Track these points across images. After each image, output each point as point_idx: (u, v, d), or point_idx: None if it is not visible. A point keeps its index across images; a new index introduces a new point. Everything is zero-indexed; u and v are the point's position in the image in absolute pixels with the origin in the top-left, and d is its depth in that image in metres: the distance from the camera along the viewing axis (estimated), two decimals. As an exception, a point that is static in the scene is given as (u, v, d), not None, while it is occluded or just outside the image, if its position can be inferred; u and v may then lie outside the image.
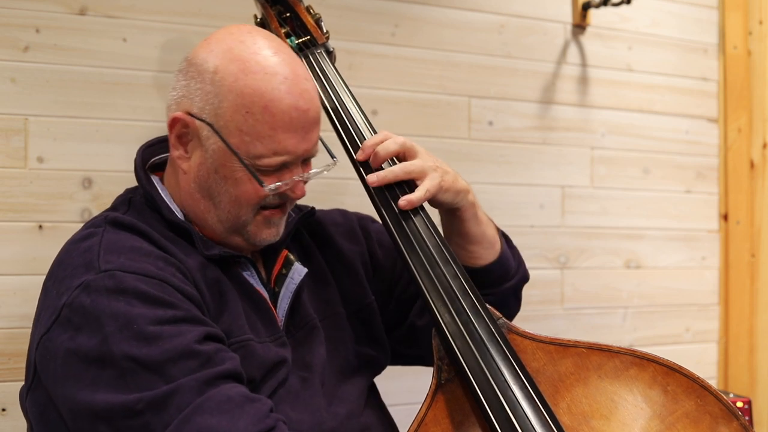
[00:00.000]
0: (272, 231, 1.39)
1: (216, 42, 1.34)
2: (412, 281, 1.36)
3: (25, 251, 1.76)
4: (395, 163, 1.42)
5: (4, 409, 1.75)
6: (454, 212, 1.48)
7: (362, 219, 1.64)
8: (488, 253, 1.52)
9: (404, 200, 1.39)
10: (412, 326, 1.58)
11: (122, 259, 1.24)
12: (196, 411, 1.13)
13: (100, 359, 1.16)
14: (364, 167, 1.44)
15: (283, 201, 1.38)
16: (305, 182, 1.39)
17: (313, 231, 1.56)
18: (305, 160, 1.37)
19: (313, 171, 1.38)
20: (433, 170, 1.42)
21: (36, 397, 1.28)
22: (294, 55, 1.37)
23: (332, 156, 1.44)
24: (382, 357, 1.56)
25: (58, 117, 1.81)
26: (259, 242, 1.39)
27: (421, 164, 1.41)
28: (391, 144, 1.42)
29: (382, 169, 1.41)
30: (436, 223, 1.43)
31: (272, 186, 1.32)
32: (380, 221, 1.43)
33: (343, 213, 1.64)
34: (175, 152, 1.37)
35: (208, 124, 1.31)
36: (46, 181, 1.79)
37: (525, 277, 1.62)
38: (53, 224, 1.79)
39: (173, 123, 1.35)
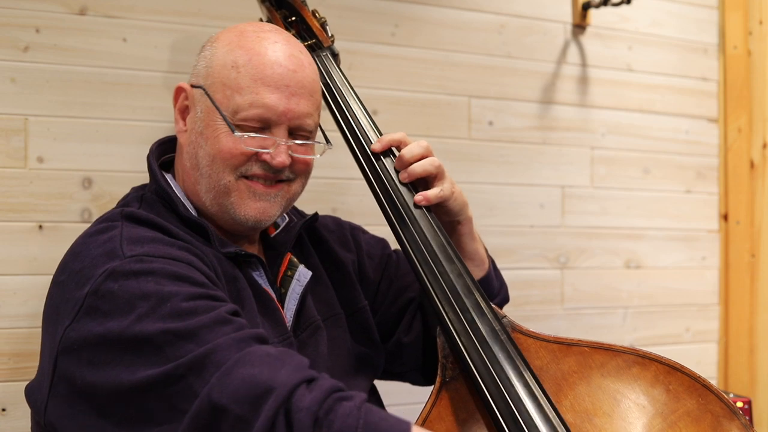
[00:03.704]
0: (258, 206, 1.37)
1: (229, 27, 1.42)
2: (417, 280, 1.36)
3: (25, 251, 1.76)
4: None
5: (4, 409, 1.74)
6: (454, 226, 1.49)
7: (354, 229, 1.66)
8: (477, 270, 1.54)
9: (421, 196, 1.40)
10: (398, 343, 1.59)
11: (146, 248, 1.24)
12: (237, 363, 1.12)
13: (134, 340, 1.15)
14: (369, 166, 1.44)
15: (269, 173, 1.36)
16: (294, 157, 1.37)
17: (309, 236, 1.57)
18: (295, 134, 1.36)
19: (299, 142, 1.37)
20: (448, 176, 1.45)
21: (60, 395, 1.25)
22: (295, 39, 1.41)
23: (327, 141, 1.44)
24: (379, 358, 1.56)
25: (58, 117, 1.81)
26: (243, 218, 1.37)
27: (442, 165, 1.43)
28: (415, 148, 1.43)
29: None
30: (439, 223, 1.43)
31: (243, 136, 1.32)
32: (385, 221, 1.43)
33: (335, 220, 1.66)
34: (177, 127, 1.41)
35: (201, 87, 1.36)
36: (46, 181, 1.79)
37: (506, 299, 1.63)
38: (53, 224, 1.79)
39: (177, 94, 1.41)
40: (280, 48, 1.35)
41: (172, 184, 1.40)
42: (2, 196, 1.75)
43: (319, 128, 1.42)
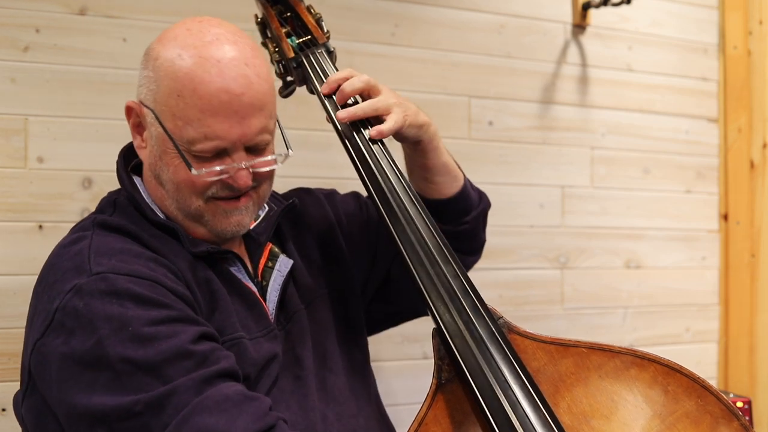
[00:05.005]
0: (231, 221, 1.35)
1: (168, 31, 1.35)
2: (409, 279, 1.35)
3: (25, 251, 1.76)
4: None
5: (3, 409, 1.75)
6: (417, 145, 1.50)
7: (327, 196, 1.65)
8: (454, 184, 1.57)
9: (375, 130, 1.41)
10: (398, 279, 1.61)
11: (113, 261, 1.23)
12: (195, 411, 1.13)
13: (95, 362, 1.16)
14: (363, 165, 1.43)
15: (234, 193, 1.34)
16: (255, 172, 1.34)
17: (288, 218, 1.55)
18: (252, 149, 1.33)
19: (259, 160, 1.34)
20: (398, 106, 1.44)
21: (32, 402, 1.28)
22: (245, 42, 1.34)
23: (287, 147, 1.40)
24: (363, 339, 1.57)
25: (58, 117, 1.81)
26: (221, 232, 1.36)
27: (385, 100, 1.44)
28: (356, 81, 1.44)
29: (348, 106, 1.44)
30: (435, 221, 1.43)
31: (202, 171, 1.29)
32: (376, 213, 1.43)
33: (310, 195, 1.64)
34: (135, 142, 1.39)
35: (151, 110, 1.32)
36: (46, 181, 1.79)
37: (488, 203, 1.68)
38: (53, 224, 1.79)
39: (127, 112, 1.37)
40: (225, 68, 1.28)
41: (140, 189, 1.39)
42: (2, 196, 1.76)
43: (278, 129, 1.39)
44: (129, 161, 1.45)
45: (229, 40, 1.32)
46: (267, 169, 1.36)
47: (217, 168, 1.30)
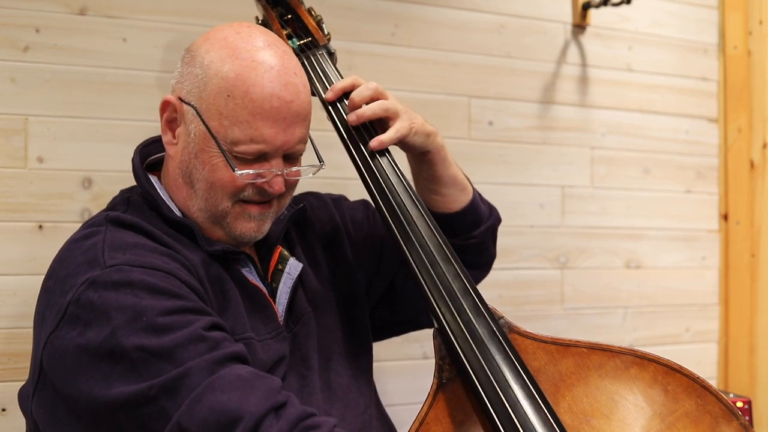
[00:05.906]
0: (252, 225, 1.37)
1: (215, 32, 1.37)
2: (412, 279, 1.36)
3: (25, 251, 1.76)
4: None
5: (4, 409, 1.75)
6: (424, 156, 1.50)
7: (335, 201, 1.66)
8: (462, 195, 1.56)
9: (375, 141, 1.42)
10: (402, 289, 1.61)
11: (128, 255, 1.24)
12: (207, 389, 1.14)
13: (111, 353, 1.17)
14: (364, 165, 1.43)
15: (264, 198, 1.36)
16: (287, 180, 1.37)
17: (296, 221, 1.56)
18: (289, 157, 1.36)
19: (294, 169, 1.37)
20: (405, 113, 1.46)
21: (43, 397, 1.28)
22: (290, 51, 1.38)
23: (320, 159, 1.43)
24: (368, 343, 1.57)
25: (58, 117, 1.81)
26: (239, 236, 1.38)
27: (395, 104, 1.44)
28: (365, 90, 1.44)
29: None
30: (436, 221, 1.43)
31: (244, 172, 1.31)
32: (378, 214, 1.43)
33: (318, 199, 1.65)
34: (164, 137, 1.39)
35: (193, 107, 1.33)
36: (46, 181, 1.79)
37: (499, 219, 1.66)
38: (53, 224, 1.79)
39: (164, 107, 1.37)
40: (276, 75, 1.31)
41: (157, 187, 1.40)
42: (2, 196, 1.76)
43: (310, 143, 1.42)
44: (143, 158, 1.45)
45: (279, 48, 1.35)
46: (298, 178, 1.39)
47: (253, 171, 1.32)
